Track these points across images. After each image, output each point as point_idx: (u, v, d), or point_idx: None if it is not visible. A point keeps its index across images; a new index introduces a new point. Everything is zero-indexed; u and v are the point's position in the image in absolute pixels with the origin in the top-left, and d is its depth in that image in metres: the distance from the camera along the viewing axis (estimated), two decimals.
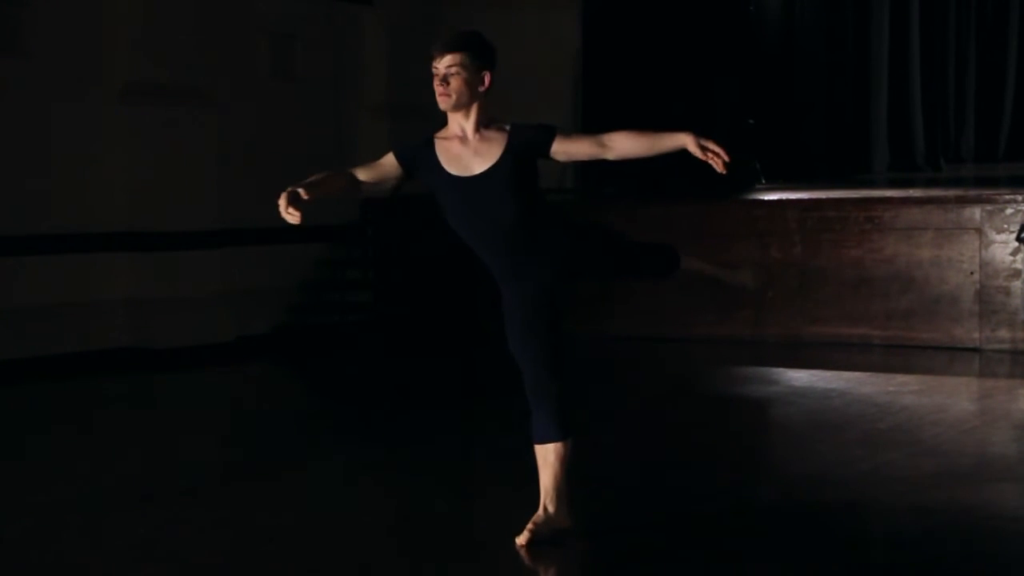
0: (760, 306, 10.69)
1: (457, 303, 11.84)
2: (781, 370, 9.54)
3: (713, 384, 9.36)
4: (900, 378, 9.05)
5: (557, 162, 5.04)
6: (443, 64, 4.83)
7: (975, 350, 9.93)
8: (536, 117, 5.31)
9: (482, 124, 4.92)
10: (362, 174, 4.99)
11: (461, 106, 4.88)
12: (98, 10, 10.50)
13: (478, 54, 4.86)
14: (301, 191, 4.66)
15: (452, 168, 4.90)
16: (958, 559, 4.93)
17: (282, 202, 4.61)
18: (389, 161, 4.99)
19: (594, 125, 14.29)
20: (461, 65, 4.83)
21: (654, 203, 11.77)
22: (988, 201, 10.01)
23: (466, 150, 4.90)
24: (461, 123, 4.91)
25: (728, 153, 4.67)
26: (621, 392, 9.09)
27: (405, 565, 5.03)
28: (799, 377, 9.27)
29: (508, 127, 4.93)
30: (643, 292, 10.93)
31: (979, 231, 9.95)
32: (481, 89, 4.87)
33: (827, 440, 7.06)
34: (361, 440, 7.59)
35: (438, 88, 4.85)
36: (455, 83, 4.84)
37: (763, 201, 11.16)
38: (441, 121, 5.31)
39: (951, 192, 10.61)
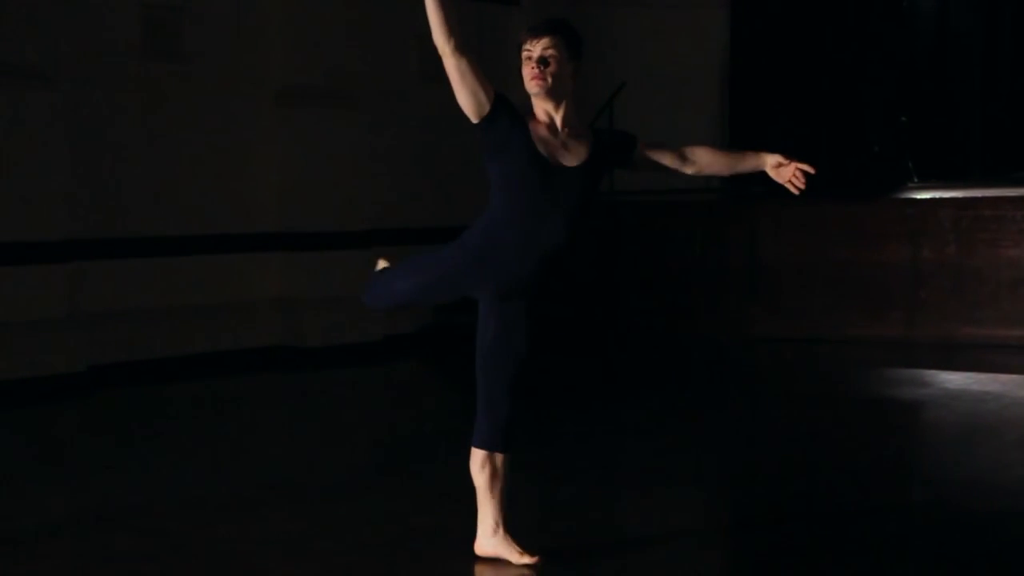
0: (912, 307, 10.49)
1: (605, 302, 11.83)
2: (934, 372, 9.34)
3: (864, 386, 9.21)
4: None
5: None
6: (539, 46, 4.62)
7: None
8: (681, 116, 5.31)
9: (570, 119, 4.71)
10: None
11: (554, 92, 4.64)
12: (254, 16, 10.75)
13: (571, 43, 4.67)
14: None
15: (542, 149, 4.65)
16: None
17: None
18: (484, 83, 4.61)
19: (741, 124, 14.20)
20: (557, 48, 4.63)
21: (801, 202, 11.60)
22: None
23: (554, 140, 4.67)
24: (550, 112, 4.68)
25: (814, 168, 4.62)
26: (769, 394, 8.99)
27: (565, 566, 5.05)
28: (953, 379, 9.07)
29: (590, 129, 4.80)
30: (790, 293, 10.81)
31: None
32: (572, 79, 4.68)
33: (982, 444, 6.91)
34: None
35: (532, 71, 4.61)
36: (553, 66, 4.63)
37: (915, 200, 10.94)
38: None
39: None
